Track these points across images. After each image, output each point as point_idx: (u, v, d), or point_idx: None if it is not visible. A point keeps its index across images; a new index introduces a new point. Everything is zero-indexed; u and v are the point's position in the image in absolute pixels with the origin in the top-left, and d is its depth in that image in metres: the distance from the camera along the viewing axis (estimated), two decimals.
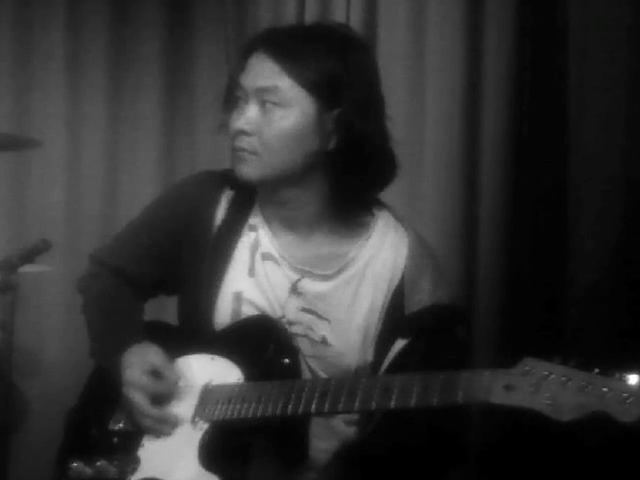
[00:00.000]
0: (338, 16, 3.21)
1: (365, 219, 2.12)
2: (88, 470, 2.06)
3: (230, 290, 2.10)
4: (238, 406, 1.96)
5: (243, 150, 2.04)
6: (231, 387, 2.00)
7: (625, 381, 1.63)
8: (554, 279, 3.08)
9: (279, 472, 2.01)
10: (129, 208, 2.98)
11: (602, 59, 3.04)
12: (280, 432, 1.98)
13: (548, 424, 1.67)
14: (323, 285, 2.08)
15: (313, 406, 1.89)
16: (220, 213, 2.14)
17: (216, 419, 1.98)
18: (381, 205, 2.15)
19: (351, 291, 2.08)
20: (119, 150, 3.52)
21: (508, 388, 1.71)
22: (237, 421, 1.96)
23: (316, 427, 2.03)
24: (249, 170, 2.05)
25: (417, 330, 2.04)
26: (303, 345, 2.07)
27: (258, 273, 2.10)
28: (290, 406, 1.91)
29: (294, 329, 2.08)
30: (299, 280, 2.08)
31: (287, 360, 2.03)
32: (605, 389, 1.63)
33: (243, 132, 2.03)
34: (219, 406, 1.99)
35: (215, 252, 2.11)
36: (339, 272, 2.08)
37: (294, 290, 2.08)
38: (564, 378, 1.67)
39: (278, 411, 1.92)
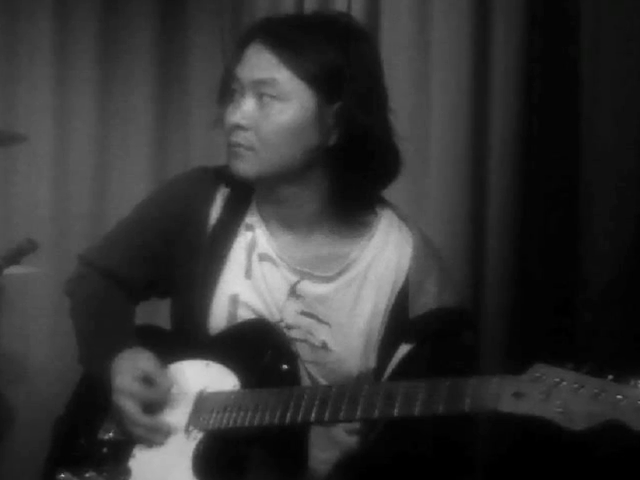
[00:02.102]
0: (339, 5, 3.22)
1: (367, 218, 2.08)
2: None
3: (226, 292, 2.07)
4: (234, 414, 1.93)
5: (239, 145, 2.01)
6: (227, 394, 1.97)
7: None
8: (566, 281, 3.08)
9: None
10: (119, 206, 2.97)
11: (616, 50, 3.04)
12: (278, 442, 1.95)
13: (559, 433, 1.63)
14: (323, 287, 2.05)
15: (313, 414, 1.86)
16: (215, 212, 2.11)
17: (211, 428, 1.95)
18: (384, 203, 2.12)
19: (353, 294, 2.05)
20: (109, 145, 3.51)
21: (517, 395, 1.67)
22: (233, 430, 1.93)
23: (316, 437, 1.99)
24: (245, 166, 2.01)
25: (422, 334, 2.01)
26: (302, 350, 2.05)
27: (255, 275, 2.07)
28: (289, 414, 1.88)
29: (293, 333, 2.05)
30: (298, 282, 2.05)
31: (285, 366, 2.01)
32: (619, 396, 1.59)
33: (239, 127, 2.00)
34: (214, 414, 1.96)
35: (210, 253, 2.08)
36: (340, 274, 2.05)
37: (293, 292, 2.06)
38: (576, 385, 1.63)
39: (276, 420, 1.89)
